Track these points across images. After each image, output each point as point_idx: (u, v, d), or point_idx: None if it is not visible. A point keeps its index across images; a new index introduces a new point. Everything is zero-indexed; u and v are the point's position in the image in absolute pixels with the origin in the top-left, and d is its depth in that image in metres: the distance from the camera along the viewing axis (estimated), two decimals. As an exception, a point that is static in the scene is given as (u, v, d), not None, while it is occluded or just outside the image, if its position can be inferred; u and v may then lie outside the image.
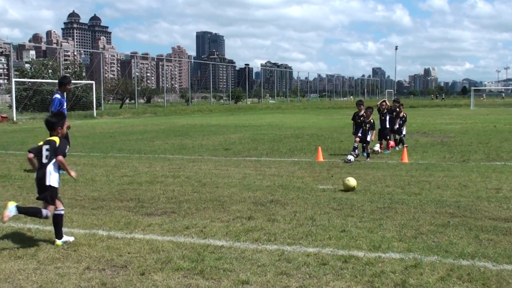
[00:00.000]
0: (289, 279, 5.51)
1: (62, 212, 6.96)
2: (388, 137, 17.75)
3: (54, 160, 6.79)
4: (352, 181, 10.56)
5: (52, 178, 6.78)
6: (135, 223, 7.89)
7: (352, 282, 5.40)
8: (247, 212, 8.53)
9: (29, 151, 6.95)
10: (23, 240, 7.03)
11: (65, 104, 13.73)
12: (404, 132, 18.86)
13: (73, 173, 6.99)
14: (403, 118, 19.12)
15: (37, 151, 6.90)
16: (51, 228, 7.63)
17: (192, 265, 5.93)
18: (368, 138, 15.45)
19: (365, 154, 15.44)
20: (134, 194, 10.22)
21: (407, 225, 7.65)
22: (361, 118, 16.19)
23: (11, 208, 6.53)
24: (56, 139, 6.96)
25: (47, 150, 6.84)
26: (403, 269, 5.75)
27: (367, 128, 15.63)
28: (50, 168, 6.78)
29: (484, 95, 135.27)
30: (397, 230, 7.36)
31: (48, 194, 6.78)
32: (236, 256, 6.26)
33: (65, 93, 13.87)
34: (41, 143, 7.00)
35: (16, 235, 7.27)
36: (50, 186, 6.76)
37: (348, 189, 10.42)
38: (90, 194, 10.24)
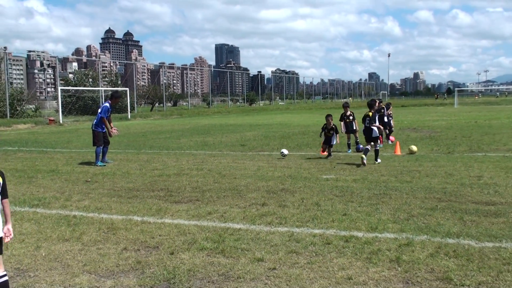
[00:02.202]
0: (298, 257, 5.51)
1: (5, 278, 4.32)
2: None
3: None
4: (415, 148, 14.73)
5: None
6: (165, 210, 7.92)
7: (352, 259, 5.39)
8: (261, 199, 8.53)
9: None
10: (69, 225, 7.09)
11: (110, 112, 14.59)
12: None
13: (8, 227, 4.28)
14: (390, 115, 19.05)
15: None
16: (93, 214, 7.70)
17: (214, 245, 5.95)
18: (333, 142, 14.24)
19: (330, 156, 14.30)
20: (163, 184, 10.25)
21: (400, 209, 7.61)
22: (350, 118, 16.05)
23: None
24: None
25: None
26: (397, 247, 5.72)
27: (330, 134, 14.27)
28: None
29: (480, 94, 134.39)
30: (391, 213, 7.33)
31: None
32: (252, 237, 6.26)
33: (114, 104, 14.94)
34: None
35: (63, 221, 7.33)
36: None
37: (412, 153, 14.34)
38: (126, 185, 10.29)
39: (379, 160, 12.92)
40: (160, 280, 4.94)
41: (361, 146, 15.45)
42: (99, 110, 14.44)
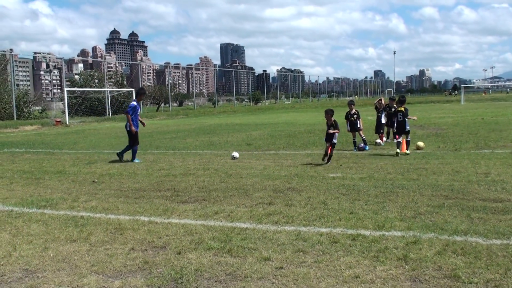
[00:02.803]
0: (305, 256, 5.50)
1: None
2: (382, 130, 17.57)
3: None
4: (421, 144, 15.16)
5: None
6: (172, 210, 7.94)
7: (360, 257, 5.39)
8: (268, 198, 8.53)
9: None
10: (77, 226, 7.11)
11: (139, 110, 14.77)
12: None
13: None
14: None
15: None
16: (100, 215, 7.72)
17: (221, 245, 5.96)
18: (335, 140, 12.98)
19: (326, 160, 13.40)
20: (170, 184, 10.27)
21: (407, 206, 7.59)
22: (354, 117, 15.98)
23: None
24: None
25: None
26: (404, 245, 5.71)
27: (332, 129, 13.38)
28: None
29: (490, 90, 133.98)
30: (398, 211, 7.31)
31: None
32: (259, 237, 6.27)
33: (141, 101, 15.03)
34: None
35: (70, 221, 7.36)
36: None
37: (419, 148, 14.76)
38: (133, 186, 10.31)
39: (409, 151, 14.07)
40: (167, 280, 4.96)
41: (362, 145, 15.40)
42: (128, 109, 14.78)
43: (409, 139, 14.37)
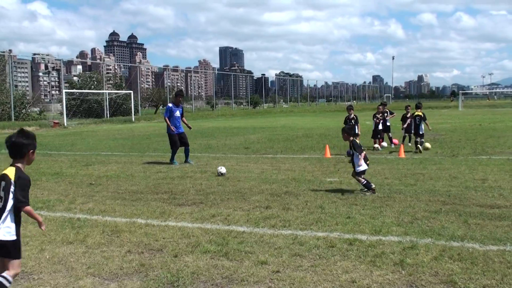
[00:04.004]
0: (302, 260, 5.50)
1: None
2: (379, 136, 17.59)
3: (10, 206, 4.26)
4: (428, 145, 16.15)
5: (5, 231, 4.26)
6: (169, 212, 7.93)
7: (356, 262, 5.38)
8: (265, 202, 8.53)
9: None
10: (73, 228, 7.10)
11: (177, 112, 14.40)
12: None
13: (43, 227, 4.57)
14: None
15: None
16: (97, 217, 7.71)
17: (218, 248, 5.95)
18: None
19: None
20: (167, 187, 10.26)
21: (404, 212, 7.60)
22: (352, 122, 16.04)
23: None
24: (12, 172, 4.30)
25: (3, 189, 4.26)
26: (401, 250, 5.71)
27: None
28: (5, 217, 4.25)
29: (494, 96, 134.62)
30: (395, 216, 7.31)
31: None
32: (256, 240, 6.26)
33: (179, 104, 14.64)
34: None
35: (67, 223, 7.34)
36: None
37: (426, 149, 15.66)
38: (130, 188, 10.30)
39: (420, 148, 15.54)
40: (164, 283, 4.95)
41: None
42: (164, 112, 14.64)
43: (423, 140, 16.15)
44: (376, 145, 17.17)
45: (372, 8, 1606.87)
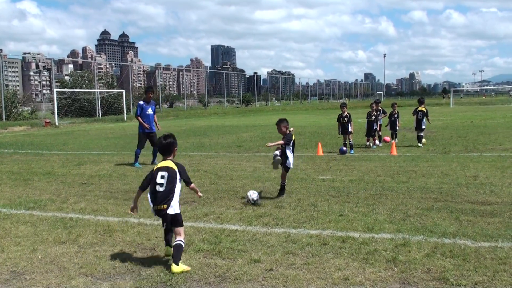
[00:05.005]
0: (295, 258, 5.51)
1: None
2: (373, 134, 17.56)
3: (178, 189, 5.54)
4: (424, 140, 16.80)
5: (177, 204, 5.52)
6: (161, 212, 7.90)
7: (349, 259, 5.40)
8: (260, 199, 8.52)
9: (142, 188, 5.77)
10: (65, 227, 7.07)
11: (149, 109, 14.05)
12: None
13: (200, 193, 6.05)
14: (395, 115, 19.04)
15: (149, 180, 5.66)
16: (89, 217, 7.68)
17: (211, 246, 5.95)
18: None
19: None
20: (160, 186, 10.22)
21: (396, 209, 7.62)
22: (345, 119, 15.91)
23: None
24: (172, 164, 5.61)
25: (162, 177, 5.53)
26: (394, 247, 5.73)
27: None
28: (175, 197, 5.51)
29: (492, 93, 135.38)
30: (388, 214, 7.34)
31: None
32: (248, 239, 6.26)
33: (150, 101, 14.22)
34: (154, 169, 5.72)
35: (59, 223, 7.30)
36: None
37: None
38: (123, 187, 10.27)
39: (421, 145, 16.46)
40: (156, 282, 4.94)
41: (344, 148, 15.35)
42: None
43: (422, 134, 16.98)
44: (369, 143, 17.21)
45: (363, 5, 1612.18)
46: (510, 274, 4.88)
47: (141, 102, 14.22)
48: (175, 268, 5.15)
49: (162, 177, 5.51)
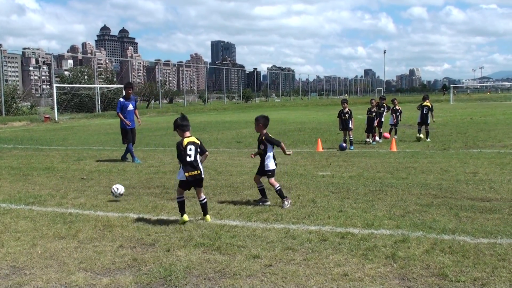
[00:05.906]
0: (294, 253, 5.51)
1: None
2: (374, 130, 17.54)
3: (198, 157, 7.04)
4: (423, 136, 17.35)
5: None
6: (161, 207, 7.92)
7: (348, 255, 5.40)
8: (257, 196, 8.51)
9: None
10: (65, 222, 7.07)
11: (130, 105, 13.88)
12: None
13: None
14: (399, 111, 19.04)
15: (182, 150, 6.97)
16: (89, 212, 7.68)
17: (210, 242, 5.95)
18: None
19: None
20: (159, 182, 10.24)
21: (396, 205, 7.63)
22: (346, 115, 15.89)
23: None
24: (195, 139, 7.22)
25: (190, 149, 6.97)
26: (393, 244, 5.74)
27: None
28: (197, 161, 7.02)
29: (499, 90, 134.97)
30: (387, 210, 7.34)
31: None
32: (248, 234, 6.27)
33: (130, 97, 13.98)
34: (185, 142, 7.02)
35: (59, 218, 7.30)
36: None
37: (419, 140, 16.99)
38: (122, 183, 10.23)
39: (428, 139, 17.25)
40: (156, 277, 4.94)
41: (344, 144, 15.33)
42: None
43: (428, 130, 17.70)
44: (368, 139, 17.20)
45: (363, 2, 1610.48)
46: (509, 270, 4.89)
47: (121, 99, 13.96)
48: (209, 218, 6.97)
49: (190, 149, 6.94)
